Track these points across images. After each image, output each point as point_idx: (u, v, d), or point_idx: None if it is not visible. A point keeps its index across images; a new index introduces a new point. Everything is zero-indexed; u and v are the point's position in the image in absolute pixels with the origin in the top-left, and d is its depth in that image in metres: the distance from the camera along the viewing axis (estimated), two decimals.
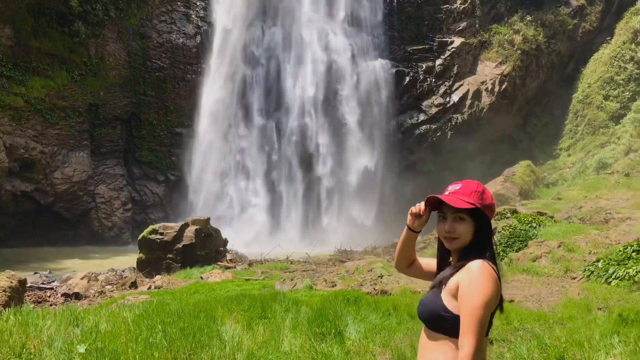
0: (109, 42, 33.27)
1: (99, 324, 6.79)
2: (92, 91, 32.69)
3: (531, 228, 19.77)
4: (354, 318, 7.64)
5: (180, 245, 21.69)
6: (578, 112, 39.49)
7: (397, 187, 36.56)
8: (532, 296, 11.89)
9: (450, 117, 38.07)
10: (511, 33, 39.50)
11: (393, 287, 14.49)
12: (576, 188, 32.28)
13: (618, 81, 37.88)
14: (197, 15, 36.64)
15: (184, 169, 35.69)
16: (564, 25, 40.63)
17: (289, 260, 23.69)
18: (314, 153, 36.26)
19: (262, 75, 36.82)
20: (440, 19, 39.01)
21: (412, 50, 38.55)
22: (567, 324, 8.02)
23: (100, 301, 15.38)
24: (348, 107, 36.58)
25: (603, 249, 15.84)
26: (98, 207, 32.99)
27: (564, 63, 41.90)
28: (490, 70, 39.09)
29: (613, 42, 39.64)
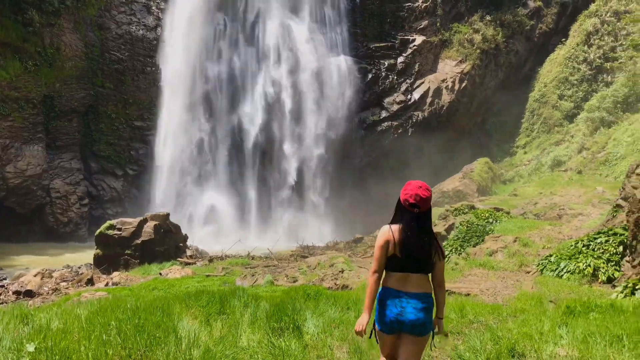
0: (65, 32, 32.27)
1: (51, 321, 6.61)
2: (47, 82, 31.67)
3: (488, 223, 20.26)
4: (313, 313, 7.67)
5: (138, 241, 21.31)
6: (534, 110, 40.60)
7: (359, 183, 36.85)
8: (487, 290, 12.19)
9: (412, 114, 38.55)
10: (471, 32, 40.25)
11: (354, 282, 14.63)
12: (532, 185, 33.20)
13: (572, 81, 39.12)
14: (157, 7, 35.94)
15: (143, 164, 35.03)
16: (522, 25, 41.67)
17: (251, 256, 23.60)
18: (275, 148, 36.14)
19: (225, 69, 36.42)
20: (402, 17, 39.39)
21: (375, 48, 38.82)
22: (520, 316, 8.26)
23: (54, 299, 14.98)
24: (310, 102, 36.59)
25: (556, 244, 16.37)
26: (53, 202, 32.05)
27: (522, 63, 43.00)
28: (451, 69, 39.76)
29: (567, 44, 40.90)
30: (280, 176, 36.29)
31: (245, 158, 36.08)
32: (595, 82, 38.27)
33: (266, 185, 36.26)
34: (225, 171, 36.03)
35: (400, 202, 4.39)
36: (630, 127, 32.01)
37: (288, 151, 36.19)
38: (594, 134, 35.08)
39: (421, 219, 4.29)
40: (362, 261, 20.30)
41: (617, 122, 34.22)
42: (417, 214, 4.28)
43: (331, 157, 36.82)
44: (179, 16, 35.38)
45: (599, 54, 38.53)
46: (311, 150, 36.59)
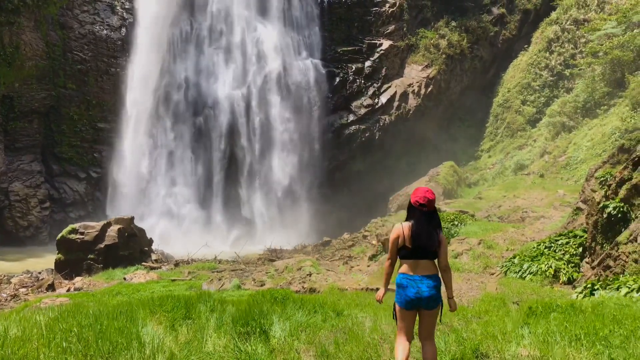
0: (25, 31, 31.39)
1: (9, 329, 6.39)
2: (5, 82, 30.73)
3: (453, 226, 20.56)
4: (280, 316, 7.64)
5: (102, 245, 20.85)
6: (498, 115, 41.46)
7: (327, 186, 36.94)
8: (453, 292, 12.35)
9: (379, 118, 38.87)
10: (437, 38, 40.88)
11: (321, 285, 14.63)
12: (496, 188, 33.86)
13: (534, 87, 40.10)
14: (122, 7, 35.33)
15: (107, 166, 34.33)
16: (486, 32, 42.55)
17: (217, 260, 23.37)
18: (241, 151, 35.92)
19: (190, 71, 36.03)
20: (369, 22, 39.72)
21: (342, 51, 39.03)
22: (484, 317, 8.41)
23: (13, 305, 14.52)
24: (277, 105, 36.51)
25: (519, 246, 16.74)
26: (12, 205, 31.10)
27: (486, 68, 43.89)
28: (417, 73, 40.28)
29: (530, 50, 41.94)
30: (246, 178, 36.06)
31: (211, 160, 35.74)
32: (556, 88, 39.32)
33: (232, 188, 35.96)
34: (191, 174, 35.60)
35: (411, 203, 5.37)
36: (590, 132, 33.00)
37: (254, 153, 36.00)
38: (555, 138, 36.03)
39: (429, 215, 5.31)
40: (330, 264, 20.34)
41: (577, 127, 35.23)
42: (425, 212, 5.30)
43: (298, 160, 36.79)
44: (144, 16, 34.87)
45: (560, 60, 39.61)
46: (278, 153, 36.49)
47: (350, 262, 20.36)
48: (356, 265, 18.92)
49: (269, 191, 36.19)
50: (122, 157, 34.18)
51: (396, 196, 34.34)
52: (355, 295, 11.81)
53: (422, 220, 5.29)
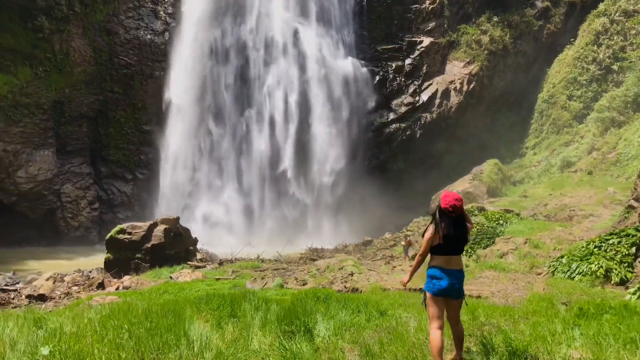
0: (74, 38, 32.54)
1: (64, 325, 6.65)
2: (56, 88, 31.93)
3: (498, 225, 20.16)
4: (324, 316, 7.66)
5: (149, 244, 21.39)
6: (543, 111, 40.38)
7: (367, 186, 36.80)
8: (498, 292, 12.12)
9: (420, 116, 38.48)
10: (479, 33, 40.15)
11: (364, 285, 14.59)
12: (542, 186, 33.00)
13: (581, 82, 38.86)
14: (165, 11, 36.16)
15: (152, 167, 35.19)
16: (530, 26, 41.50)
17: (260, 259, 23.62)
18: (284, 151, 36.19)
19: (232, 73, 36.57)
20: (409, 19, 39.37)
21: (382, 50, 38.81)
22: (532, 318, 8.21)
23: (66, 302, 15.06)
24: (318, 105, 36.62)
25: (567, 245, 16.26)
26: (64, 206, 32.28)
27: (530, 63, 42.80)
28: (459, 70, 39.66)
29: (576, 44, 40.66)
30: (288, 178, 36.30)
31: (255, 161, 36.15)
32: (604, 82, 37.99)
33: (275, 187, 36.28)
34: (235, 174, 36.12)
35: (441, 207, 6.04)
36: None
37: (296, 153, 36.21)
38: (604, 134, 34.83)
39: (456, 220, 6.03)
40: (371, 264, 20.26)
41: (627, 122, 33.96)
42: (454, 217, 6.00)
43: (339, 160, 36.79)
44: (187, 21, 35.58)
45: (609, 53, 38.26)
46: (318, 153, 36.60)
47: (392, 262, 20.24)
48: (398, 265, 18.78)
49: (310, 191, 36.34)
50: (167, 158, 34.98)
51: (438, 195, 33.89)
52: (398, 295, 11.73)
53: (451, 224, 6.01)
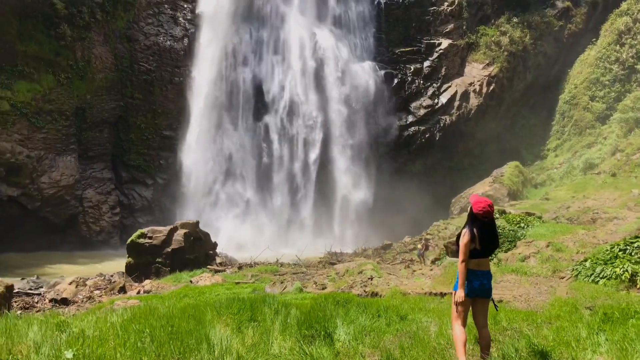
0: (96, 45, 33.04)
1: (87, 329, 6.73)
2: (78, 94, 32.44)
3: (520, 228, 19.89)
4: (344, 320, 7.63)
5: (169, 249, 21.58)
6: (565, 112, 39.84)
7: (386, 189, 36.64)
8: (520, 296, 11.96)
9: (439, 119, 38.24)
10: (498, 35, 39.79)
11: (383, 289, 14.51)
12: (564, 188, 32.54)
13: (604, 82, 38.27)
14: (184, 17, 36.52)
15: (172, 172, 35.51)
16: (550, 26, 41.00)
17: (279, 263, 23.65)
18: (302, 154, 36.25)
19: (251, 77, 36.78)
20: (427, 21, 39.20)
21: (400, 52, 38.70)
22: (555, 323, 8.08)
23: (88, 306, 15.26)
24: (336, 108, 36.63)
25: (590, 249, 15.97)
26: (86, 211, 32.73)
27: (550, 64, 42.26)
28: (478, 72, 39.35)
29: (598, 44, 40.06)
30: (306, 181, 36.35)
31: (274, 165, 36.28)
32: (628, 83, 37.36)
33: (294, 190, 36.35)
34: (255, 178, 36.28)
35: (473, 212, 6.26)
36: None
37: (314, 156, 36.25)
38: (628, 135, 34.23)
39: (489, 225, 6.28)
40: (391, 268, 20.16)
41: None
42: (486, 222, 6.25)
43: (357, 163, 36.74)
44: (206, 26, 35.90)
45: (632, 53, 37.63)
46: (337, 155, 36.60)
47: (412, 266, 20.11)
48: (418, 269, 18.65)
49: (328, 194, 36.33)
50: (186, 163, 35.27)
51: (458, 198, 33.67)
52: (418, 299, 11.64)
53: (486, 228, 6.24)
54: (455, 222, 27.78)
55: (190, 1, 36.82)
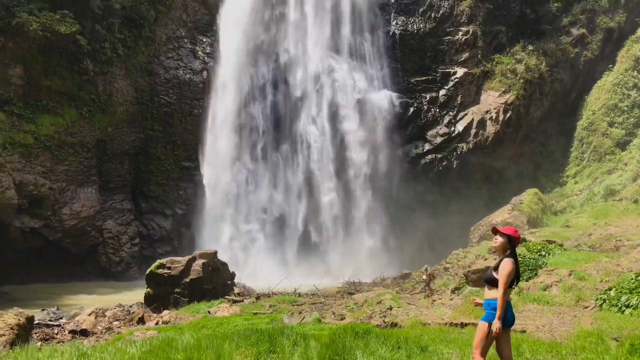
0: (117, 79, 33.85)
1: None
2: (100, 127, 33.12)
3: (540, 257, 19.57)
4: (363, 352, 7.56)
5: (187, 279, 21.62)
6: (583, 139, 39.51)
7: (404, 217, 36.46)
8: (543, 326, 11.71)
9: (456, 147, 38.19)
10: (513, 62, 39.91)
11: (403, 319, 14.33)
12: (585, 215, 32.03)
13: (622, 108, 37.99)
14: (203, 51, 37.33)
15: (191, 203, 35.80)
16: (566, 54, 41.03)
17: (297, 293, 23.52)
18: (320, 185, 36.36)
19: (268, 109, 37.27)
20: (442, 51, 39.53)
21: (416, 82, 38.97)
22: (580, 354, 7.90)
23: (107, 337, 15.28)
24: (353, 138, 36.84)
25: (615, 277, 15.63)
26: (106, 242, 33.04)
27: (567, 91, 42.15)
28: (494, 100, 39.37)
29: (615, 70, 39.92)
30: (324, 211, 36.35)
31: (291, 195, 36.40)
32: None
33: (311, 220, 36.33)
34: (272, 209, 36.40)
35: (515, 240, 6.34)
36: None
37: (332, 188, 36.33)
38: None
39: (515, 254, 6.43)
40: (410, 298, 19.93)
41: None
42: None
43: (375, 192, 36.70)
44: (224, 59, 36.64)
45: None
46: (354, 185, 36.64)
47: (432, 296, 19.85)
48: (438, 299, 18.40)
49: (346, 224, 36.25)
50: (205, 193, 35.57)
51: (477, 226, 33.33)
52: (439, 330, 11.47)
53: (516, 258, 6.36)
54: (475, 251, 27.44)
55: (209, 35, 37.72)
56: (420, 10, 39.66)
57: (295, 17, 37.96)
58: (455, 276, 23.00)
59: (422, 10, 39.66)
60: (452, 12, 40.02)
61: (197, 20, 37.99)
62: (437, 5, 39.90)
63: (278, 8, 38.17)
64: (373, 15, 39.37)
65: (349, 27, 38.74)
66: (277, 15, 38.07)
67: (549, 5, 41.09)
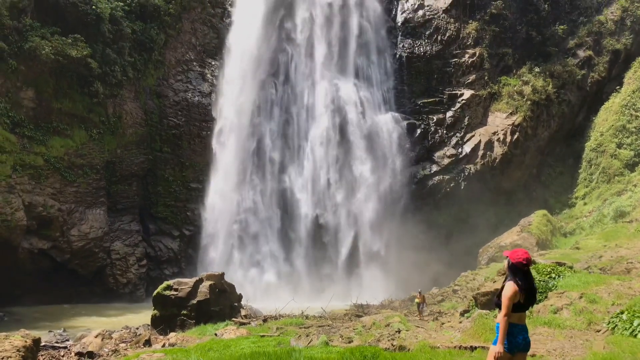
0: (127, 102, 34.25)
1: None
2: (109, 149, 33.40)
3: (550, 279, 19.34)
4: None
5: (194, 301, 21.51)
6: (592, 160, 39.36)
7: (412, 239, 36.26)
8: (554, 350, 11.53)
9: (463, 168, 38.14)
10: (520, 84, 40.03)
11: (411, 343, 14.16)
12: (594, 237, 31.74)
13: (630, 129, 37.89)
14: (212, 74, 37.77)
15: (198, 224, 35.83)
16: (573, 75, 41.12)
17: (304, 316, 23.32)
18: (327, 206, 36.33)
19: (276, 130, 37.48)
20: (449, 73, 39.75)
21: (423, 103, 39.14)
22: None
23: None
24: (360, 160, 36.90)
25: (627, 300, 15.41)
26: (113, 263, 33.05)
27: (575, 112, 42.13)
28: (501, 121, 39.41)
29: (623, 91, 39.93)
30: (331, 233, 36.25)
31: (298, 217, 36.35)
32: None
33: (317, 242, 36.21)
34: (279, 230, 36.33)
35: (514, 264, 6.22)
36: None
37: (338, 207, 36.28)
38: None
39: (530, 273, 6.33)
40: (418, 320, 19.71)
41: None
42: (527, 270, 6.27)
43: (382, 213, 36.59)
44: (232, 81, 37.00)
45: None
46: (361, 207, 36.57)
47: (440, 318, 19.64)
48: (447, 322, 18.19)
49: (353, 245, 36.10)
50: (212, 215, 35.60)
51: (486, 248, 33.10)
52: (448, 353, 11.32)
53: (528, 278, 6.25)
54: (483, 273, 27.21)
55: (218, 59, 38.19)
56: (427, 33, 40.02)
57: (303, 39, 38.40)
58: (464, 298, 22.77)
59: (428, 33, 40.03)
60: (459, 34, 40.35)
61: (206, 43, 38.53)
62: (444, 28, 40.25)
63: (286, 30, 38.65)
64: (380, 38, 39.76)
65: (356, 50, 39.09)
66: (285, 38, 38.53)
67: (555, 28, 41.33)
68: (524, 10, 41.41)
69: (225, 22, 39.04)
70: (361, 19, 39.29)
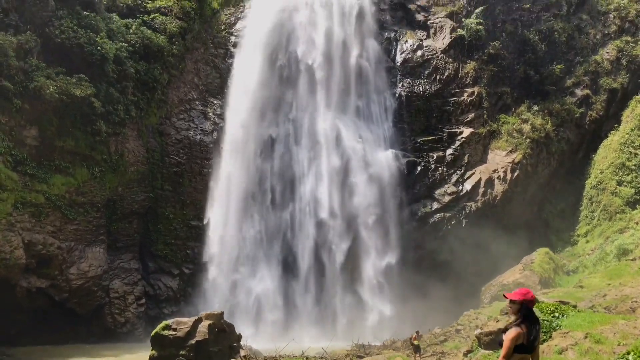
0: (129, 140, 34.50)
1: None
2: (110, 187, 33.46)
3: (554, 318, 19.07)
4: None
5: (193, 341, 21.15)
6: (592, 198, 39.33)
7: (413, 277, 35.94)
8: None
9: (464, 205, 38.12)
10: (519, 122, 40.39)
11: None
12: (598, 275, 31.41)
13: (630, 167, 38.00)
14: (214, 113, 38.22)
15: (198, 262, 35.60)
16: (571, 114, 41.51)
17: (305, 356, 22.94)
18: (328, 245, 36.18)
19: (277, 168, 37.64)
20: (448, 111, 40.20)
21: (422, 141, 39.44)
22: None
23: None
24: (361, 197, 36.92)
25: (632, 340, 15.16)
26: (112, 302, 32.68)
27: (574, 150, 42.35)
28: (501, 159, 39.59)
29: (621, 129, 40.22)
30: (332, 270, 35.99)
31: (299, 256, 36.14)
32: None
33: (320, 283, 35.88)
34: (279, 269, 36.05)
35: (525, 304, 6.20)
36: None
37: (339, 245, 36.11)
38: None
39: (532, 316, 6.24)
40: None
41: None
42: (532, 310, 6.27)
43: (384, 251, 36.39)
44: (234, 120, 37.40)
45: None
46: (362, 244, 36.41)
47: (443, 358, 19.29)
48: None
49: (355, 283, 35.77)
50: (212, 252, 35.39)
51: (489, 286, 32.77)
52: None
53: (534, 318, 6.23)
54: (486, 312, 26.84)
55: (220, 97, 38.70)
56: (426, 72, 40.67)
57: (304, 79, 39.00)
58: (467, 338, 22.40)
59: (427, 73, 40.66)
60: (457, 74, 40.97)
61: (208, 83, 39.14)
62: (442, 68, 40.92)
63: (287, 70, 39.30)
64: (379, 77, 40.37)
65: (356, 89, 39.65)
66: (286, 78, 39.13)
67: (552, 67, 41.96)
68: (521, 51, 42.11)
69: (227, 62, 39.73)
70: (360, 59, 39.98)
